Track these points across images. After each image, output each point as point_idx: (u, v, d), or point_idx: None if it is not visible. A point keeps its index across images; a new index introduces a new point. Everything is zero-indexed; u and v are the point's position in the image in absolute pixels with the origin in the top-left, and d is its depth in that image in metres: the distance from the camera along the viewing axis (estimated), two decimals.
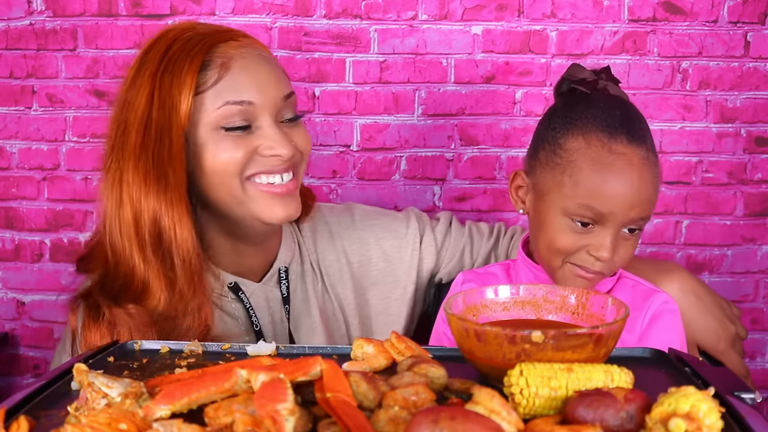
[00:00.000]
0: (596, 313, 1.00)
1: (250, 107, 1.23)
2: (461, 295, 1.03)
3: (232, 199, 1.25)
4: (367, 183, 1.80)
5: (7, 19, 1.75)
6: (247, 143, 1.23)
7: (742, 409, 0.77)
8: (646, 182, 1.16)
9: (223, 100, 1.22)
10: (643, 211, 1.16)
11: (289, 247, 1.41)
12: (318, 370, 0.78)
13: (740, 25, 1.75)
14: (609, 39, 1.75)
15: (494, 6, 1.74)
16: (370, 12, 1.75)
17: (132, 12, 1.74)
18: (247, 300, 1.33)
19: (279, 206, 1.25)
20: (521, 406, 0.80)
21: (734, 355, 1.41)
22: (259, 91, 1.24)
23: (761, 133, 1.79)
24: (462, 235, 1.53)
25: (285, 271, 1.38)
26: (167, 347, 1.05)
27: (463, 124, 1.79)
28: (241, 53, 1.25)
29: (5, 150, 1.80)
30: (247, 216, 1.26)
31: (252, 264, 1.36)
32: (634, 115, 1.22)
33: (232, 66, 1.24)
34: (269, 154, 1.23)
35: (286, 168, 1.25)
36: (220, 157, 1.23)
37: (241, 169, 1.23)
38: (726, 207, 1.81)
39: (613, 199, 1.14)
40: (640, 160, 1.15)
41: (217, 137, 1.23)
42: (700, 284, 1.43)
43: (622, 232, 1.17)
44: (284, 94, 1.27)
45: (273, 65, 1.29)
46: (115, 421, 0.74)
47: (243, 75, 1.24)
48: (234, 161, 1.22)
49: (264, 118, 1.24)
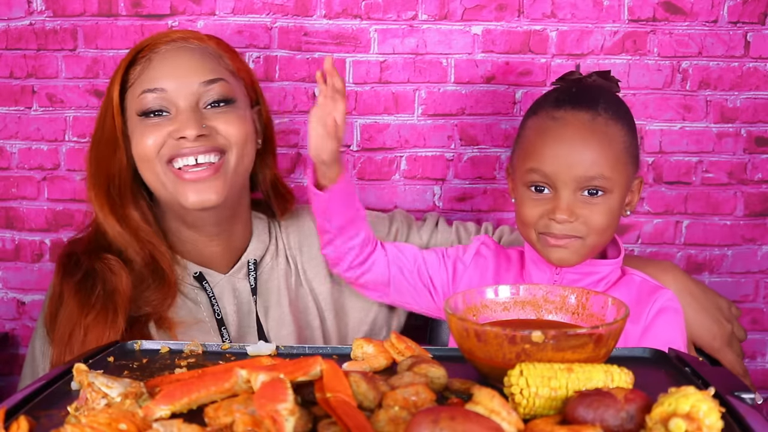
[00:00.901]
0: (596, 313, 1.00)
1: (164, 94, 1.32)
2: (461, 295, 1.03)
3: (159, 185, 1.33)
4: (367, 183, 1.80)
5: (7, 19, 1.74)
6: (162, 128, 1.31)
7: (742, 410, 0.77)
8: (586, 142, 1.21)
9: (141, 90, 1.33)
10: (590, 170, 1.20)
11: (262, 241, 1.45)
12: (318, 370, 0.78)
13: (740, 25, 1.75)
14: (609, 39, 1.75)
15: (494, 6, 1.74)
16: (370, 12, 1.75)
17: (132, 12, 1.74)
18: (210, 290, 1.38)
19: (191, 192, 1.31)
20: (521, 406, 0.80)
21: (730, 354, 1.42)
22: (173, 78, 1.32)
23: (761, 133, 1.79)
24: (450, 234, 1.55)
25: (254, 264, 1.42)
26: (167, 347, 1.06)
27: (463, 124, 1.79)
28: (166, 47, 1.35)
29: (5, 150, 1.80)
30: (173, 202, 1.34)
31: (216, 255, 1.41)
32: (596, 92, 1.26)
33: (153, 59, 1.34)
34: (177, 136, 1.30)
35: (198, 151, 1.30)
36: (141, 143, 1.32)
37: (157, 153, 1.31)
38: (726, 207, 1.81)
39: (552, 159, 1.21)
40: (582, 122, 1.22)
41: (139, 125, 1.33)
42: (695, 284, 1.44)
43: (582, 196, 1.22)
44: (204, 80, 1.33)
45: (198, 54, 1.35)
46: (115, 421, 0.75)
47: (160, 65, 1.33)
48: (150, 145, 1.31)
49: (179, 103, 1.31)
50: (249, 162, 1.38)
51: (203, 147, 1.30)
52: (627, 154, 1.24)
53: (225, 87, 1.34)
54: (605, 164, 1.21)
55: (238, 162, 1.34)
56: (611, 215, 1.23)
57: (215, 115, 1.33)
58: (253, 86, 1.46)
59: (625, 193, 1.26)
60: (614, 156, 1.22)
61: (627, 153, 1.24)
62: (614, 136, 1.23)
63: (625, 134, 1.24)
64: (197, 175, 1.30)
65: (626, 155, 1.24)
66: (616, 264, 1.29)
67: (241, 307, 1.41)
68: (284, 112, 1.78)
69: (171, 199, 1.34)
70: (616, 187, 1.23)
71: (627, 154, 1.24)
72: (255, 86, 1.46)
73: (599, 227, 1.23)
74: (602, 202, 1.22)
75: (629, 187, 1.27)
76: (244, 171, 1.37)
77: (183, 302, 1.38)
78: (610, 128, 1.22)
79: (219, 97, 1.33)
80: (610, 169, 1.21)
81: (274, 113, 1.77)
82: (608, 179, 1.21)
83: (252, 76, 1.46)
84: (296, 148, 1.79)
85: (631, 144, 1.25)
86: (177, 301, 1.36)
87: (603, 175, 1.21)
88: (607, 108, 1.24)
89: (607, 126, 1.22)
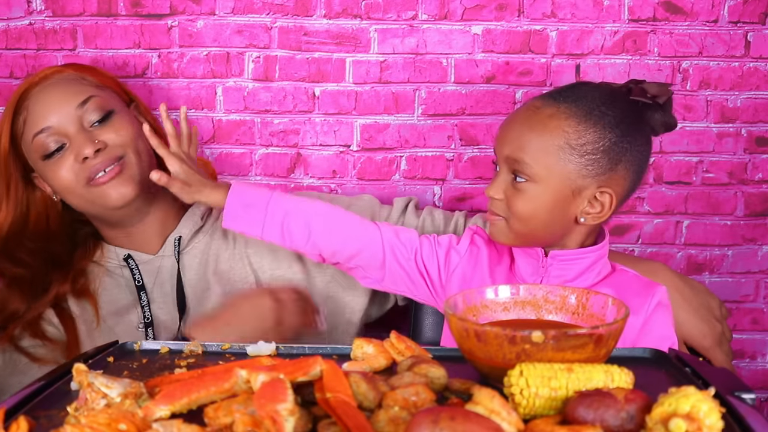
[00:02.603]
0: (596, 313, 1.00)
1: (52, 130, 1.43)
2: (461, 295, 1.03)
3: (86, 204, 1.47)
4: (367, 183, 1.80)
5: (7, 19, 1.75)
6: (66, 160, 1.43)
7: (742, 410, 0.77)
8: (520, 125, 1.22)
9: (31, 135, 1.44)
10: (514, 152, 1.21)
11: (193, 221, 1.56)
12: (318, 371, 0.78)
13: (741, 24, 1.75)
14: (609, 39, 1.75)
15: (494, 6, 1.74)
16: (370, 12, 1.74)
17: (132, 12, 1.74)
18: (134, 264, 1.53)
19: (110, 191, 1.43)
20: (521, 406, 0.79)
21: (720, 354, 1.43)
22: (53, 113, 1.43)
23: (762, 133, 1.79)
24: (414, 222, 1.56)
25: (178, 240, 1.54)
26: (167, 347, 1.06)
27: (463, 124, 1.79)
28: (36, 90, 1.46)
29: None
30: (100, 211, 1.48)
31: (143, 239, 1.54)
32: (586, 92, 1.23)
33: (30, 104, 1.45)
34: (80, 159, 1.41)
35: (103, 165, 1.42)
36: (56, 179, 1.44)
37: (75, 180, 1.43)
38: (726, 207, 1.81)
39: (497, 135, 1.26)
40: (530, 108, 1.23)
41: (46, 167, 1.45)
42: (685, 284, 1.45)
43: (512, 179, 1.22)
44: (77, 103, 1.44)
45: (63, 84, 1.47)
46: (115, 421, 0.74)
47: (37, 107, 1.44)
48: (66, 176, 1.43)
49: (68, 131, 1.43)
50: (148, 155, 1.48)
51: (105, 161, 1.42)
52: (571, 153, 1.19)
53: (97, 102, 1.45)
54: (528, 150, 1.20)
55: (138, 158, 1.46)
56: (535, 206, 1.21)
57: (102, 130, 1.44)
58: (121, 88, 1.55)
59: (563, 192, 1.20)
60: (542, 146, 1.19)
61: (571, 151, 1.19)
62: (553, 129, 1.19)
63: (576, 133, 1.19)
64: (108, 176, 1.42)
65: (568, 153, 1.19)
66: (599, 251, 1.27)
67: (168, 281, 1.53)
68: (284, 112, 1.78)
69: (98, 210, 1.48)
70: (543, 180, 1.20)
71: (571, 152, 1.19)
72: (122, 88, 1.56)
73: (520, 213, 1.22)
74: (525, 189, 1.21)
75: (577, 190, 1.21)
76: (147, 165, 1.47)
77: (110, 278, 1.54)
78: (552, 121, 1.19)
79: (97, 111, 1.44)
80: (531, 156, 1.19)
81: (274, 113, 1.78)
82: (529, 166, 1.20)
83: (115, 80, 1.56)
84: (296, 148, 1.79)
85: (587, 148, 1.19)
86: (104, 279, 1.53)
87: (524, 160, 1.20)
88: (571, 105, 1.20)
89: (550, 118, 1.20)
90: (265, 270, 1.54)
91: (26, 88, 1.47)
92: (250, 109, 1.78)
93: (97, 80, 1.50)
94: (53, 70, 1.50)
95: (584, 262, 1.26)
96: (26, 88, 1.47)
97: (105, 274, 1.54)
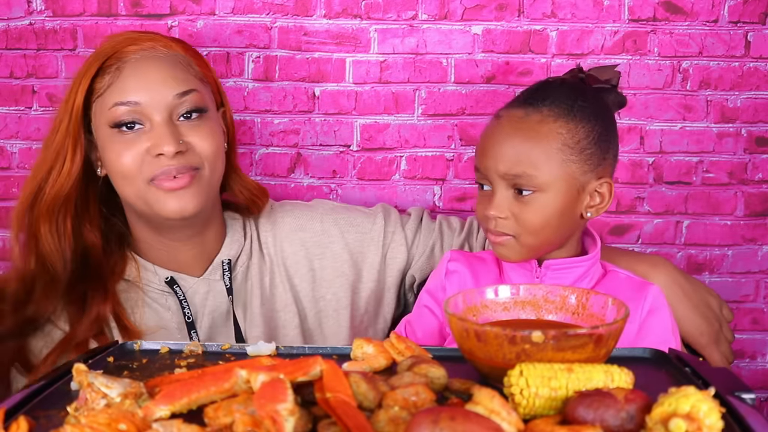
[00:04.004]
0: (596, 313, 1.00)
1: (138, 107, 1.30)
2: (461, 295, 1.03)
3: (137, 199, 1.32)
4: (367, 183, 1.80)
5: (7, 18, 1.74)
6: (138, 144, 1.30)
7: (742, 410, 0.77)
8: (511, 138, 1.21)
9: (112, 102, 1.30)
10: (513, 167, 1.19)
11: (236, 240, 1.45)
12: (318, 371, 0.78)
13: (741, 24, 1.75)
14: (609, 39, 1.75)
15: (494, 6, 1.74)
16: (370, 12, 1.74)
17: (132, 12, 1.74)
18: (182, 294, 1.38)
19: (171, 200, 1.30)
20: (521, 406, 0.80)
21: (716, 352, 1.42)
22: (146, 91, 1.30)
23: (762, 133, 1.79)
24: (432, 231, 1.54)
25: (228, 264, 1.42)
26: (167, 347, 1.06)
27: (463, 124, 1.79)
28: (136, 57, 1.32)
29: (5, 150, 1.80)
30: (149, 212, 1.33)
31: (187, 259, 1.41)
32: (555, 90, 1.24)
33: (124, 69, 1.31)
34: (155, 153, 1.29)
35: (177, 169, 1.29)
36: (118, 160, 1.31)
37: (139, 171, 1.30)
38: (726, 207, 1.81)
39: (482, 153, 1.23)
40: (513, 119, 1.22)
41: (112, 138, 1.31)
42: (685, 278, 1.44)
43: (516, 194, 1.21)
44: (177, 92, 1.31)
45: (168, 64, 1.33)
46: (115, 421, 0.75)
47: (132, 77, 1.30)
48: (130, 164, 1.30)
49: (154, 117, 1.30)
50: (221, 172, 1.39)
51: (180, 166, 1.30)
52: (570, 153, 1.20)
53: (197, 97, 1.34)
54: (528, 162, 1.19)
55: (211, 175, 1.35)
56: (546, 215, 1.20)
57: (189, 129, 1.32)
58: (218, 89, 1.46)
59: (571, 193, 1.21)
60: (543, 154, 1.19)
61: (570, 151, 1.20)
62: (547, 134, 1.19)
63: (569, 133, 1.20)
64: (176, 183, 1.30)
65: (568, 154, 1.20)
66: (593, 259, 1.27)
67: (218, 307, 1.41)
68: (284, 112, 1.78)
69: (147, 210, 1.33)
70: (551, 187, 1.19)
71: (570, 152, 1.20)
72: (219, 88, 1.47)
73: (532, 227, 1.20)
74: (533, 200, 1.20)
75: (581, 188, 1.22)
76: (216, 182, 1.38)
77: (151, 308, 1.38)
78: (543, 126, 1.20)
79: (192, 107, 1.33)
80: (534, 167, 1.19)
81: (274, 113, 1.78)
82: (534, 177, 1.19)
83: (216, 77, 1.46)
84: (296, 148, 1.79)
85: (582, 144, 1.20)
86: (144, 309, 1.37)
87: (527, 173, 1.19)
88: (553, 106, 1.21)
89: (540, 124, 1.20)
90: (306, 292, 1.48)
91: (123, 48, 1.33)
92: (250, 109, 1.78)
93: (202, 72, 1.39)
94: (161, 41, 1.37)
95: (578, 270, 1.26)
96: (123, 48, 1.33)
97: (144, 303, 1.38)
